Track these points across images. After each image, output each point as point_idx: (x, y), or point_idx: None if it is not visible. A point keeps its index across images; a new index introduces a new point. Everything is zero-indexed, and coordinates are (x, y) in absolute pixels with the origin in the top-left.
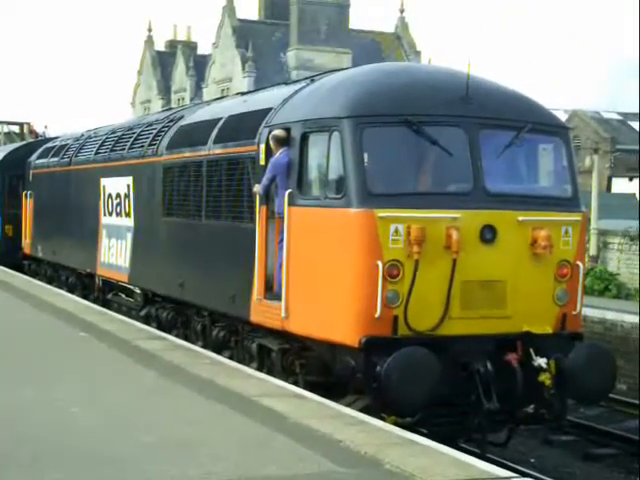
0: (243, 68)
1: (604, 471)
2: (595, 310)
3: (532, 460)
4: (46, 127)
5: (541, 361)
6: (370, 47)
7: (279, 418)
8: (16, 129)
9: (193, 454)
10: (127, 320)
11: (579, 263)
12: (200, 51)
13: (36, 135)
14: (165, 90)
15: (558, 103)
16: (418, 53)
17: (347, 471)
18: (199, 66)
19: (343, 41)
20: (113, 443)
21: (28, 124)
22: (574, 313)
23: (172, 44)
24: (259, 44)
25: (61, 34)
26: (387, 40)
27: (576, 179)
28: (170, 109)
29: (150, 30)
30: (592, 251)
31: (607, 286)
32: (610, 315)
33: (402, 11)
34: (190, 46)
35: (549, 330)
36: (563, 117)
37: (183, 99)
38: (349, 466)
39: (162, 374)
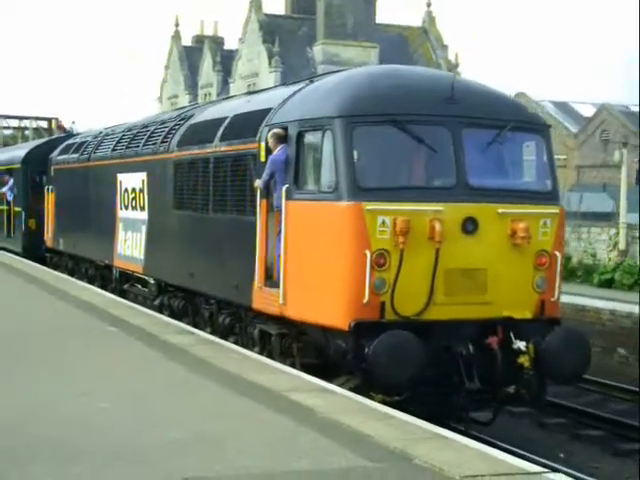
0: (270, 63)
1: (633, 467)
2: (624, 304)
3: (561, 455)
4: (74, 122)
5: (520, 344)
6: (397, 41)
7: (307, 413)
8: (44, 124)
9: (221, 449)
10: (155, 314)
11: (557, 253)
12: (227, 46)
13: (64, 130)
14: (192, 85)
15: (586, 97)
16: (445, 47)
17: (376, 466)
18: (226, 61)
19: (370, 35)
20: (140, 437)
21: (56, 119)
22: (552, 299)
23: (199, 39)
24: (286, 39)
25: (91, 30)
26: (414, 34)
27: (555, 174)
28: (182, 108)
29: (177, 25)
30: (621, 245)
31: (636, 280)
32: (638, 309)
33: (429, 5)
34: (217, 41)
35: (528, 315)
36: (591, 111)
37: (210, 94)
38: (378, 460)
39: (190, 368)
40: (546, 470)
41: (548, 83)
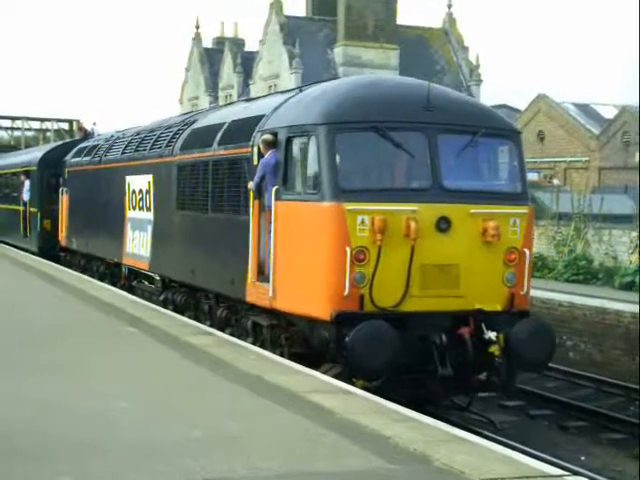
0: (290, 65)
1: None
2: None
3: (582, 458)
4: (95, 124)
5: (491, 335)
6: (417, 43)
7: (327, 414)
8: (65, 126)
9: (241, 449)
10: (174, 315)
11: (526, 250)
12: (247, 48)
13: (85, 132)
14: (213, 87)
15: (608, 98)
16: (466, 49)
17: (397, 467)
18: (246, 63)
19: (390, 37)
20: (160, 437)
21: (77, 121)
22: (522, 293)
23: (220, 41)
24: (306, 40)
25: (111, 32)
26: (434, 35)
27: (525, 177)
28: (187, 113)
29: (198, 27)
30: None
31: None
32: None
33: (450, 6)
34: (237, 43)
35: (499, 308)
36: (613, 112)
37: (230, 96)
38: (399, 462)
39: (210, 369)
40: (567, 473)
41: (570, 84)
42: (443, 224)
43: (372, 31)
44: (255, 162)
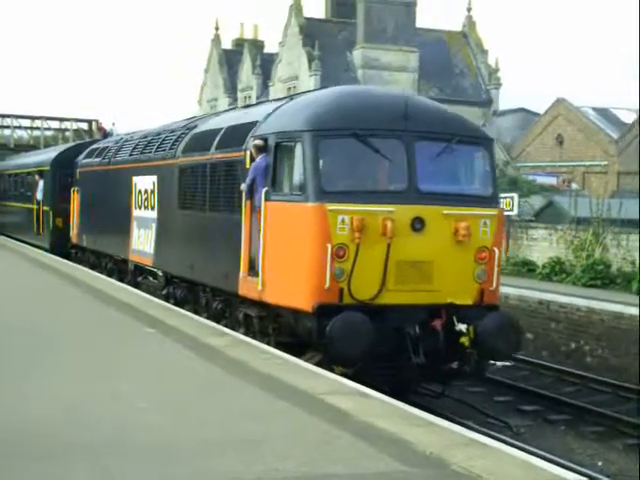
0: (309, 67)
1: None
2: None
3: (599, 464)
4: (114, 124)
5: (462, 327)
6: (437, 46)
7: (344, 416)
8: (85, 126)
9: (258, 451)
10: (192, 316)
11: (495, 249)
12: (267, 50)
13: (104, 132)
14: (232, 88)
15: (625, 102)
16: (485, 52)
17: (413, 471)
18: (266, 65)
19: (410, 40)
20: (178, 438)
21: (96, 121)
22: (491, 289)
23: (239, 42)
24: (325, 43)
25: (132, 33)
26: (454, 39)
27: (495, 181)
28: (190, 118)
29: (217, 29)
30: None
31: None
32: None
33: (469, 9)
34: (257, 45)
35: (469, 302)
36: (629, 116)
37: (249, 97)
38: (415, 466)
39: (228, 370)
40: (584, 478)
41: (589, 88)
42: (417, 224)
43: (391, 34)
44: (247, 165)
